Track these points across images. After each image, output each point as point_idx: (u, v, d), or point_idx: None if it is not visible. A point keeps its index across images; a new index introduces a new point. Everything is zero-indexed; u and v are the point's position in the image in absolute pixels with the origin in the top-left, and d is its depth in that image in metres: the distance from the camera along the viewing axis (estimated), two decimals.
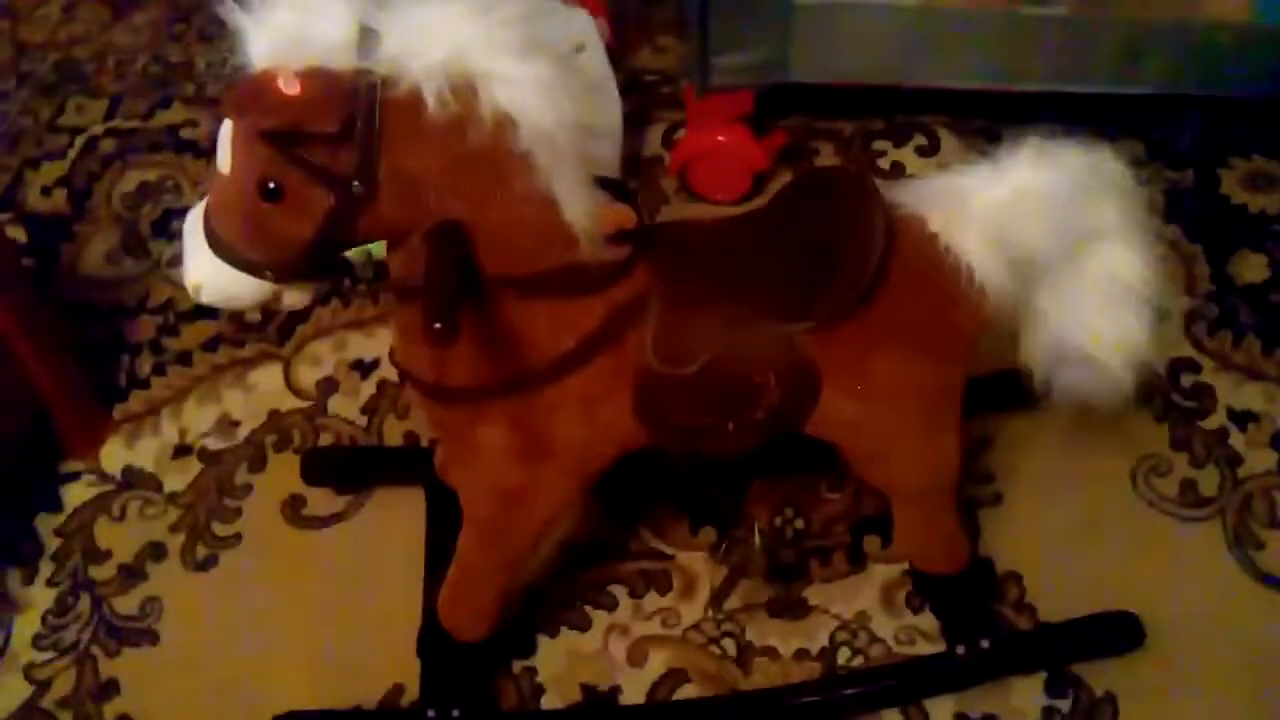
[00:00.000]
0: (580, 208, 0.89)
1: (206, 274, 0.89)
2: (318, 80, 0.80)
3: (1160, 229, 1.50)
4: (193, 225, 0.90)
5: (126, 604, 1.30)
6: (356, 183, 0.83)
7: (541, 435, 0.98)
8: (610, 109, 1.54)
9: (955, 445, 1.06)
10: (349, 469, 1.37)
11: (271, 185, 0.83)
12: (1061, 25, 1.48)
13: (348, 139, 0.81)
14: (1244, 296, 1.50)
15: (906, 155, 1.66)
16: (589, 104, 0.86)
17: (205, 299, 0.90)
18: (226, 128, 0.85)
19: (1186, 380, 1.42)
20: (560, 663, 1.24)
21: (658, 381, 0.96)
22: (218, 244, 0.87)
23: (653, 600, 1.28)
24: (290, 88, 0.79)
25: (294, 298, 0.92)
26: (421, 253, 0.86)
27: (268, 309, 1.00)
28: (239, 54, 0.82)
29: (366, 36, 0.80)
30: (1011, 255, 0.94)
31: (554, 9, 1.50)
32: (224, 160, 0.85)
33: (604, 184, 0.94)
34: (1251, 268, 1.53)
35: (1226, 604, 1.26)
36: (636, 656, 1.25)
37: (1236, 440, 1.37)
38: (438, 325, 0.80)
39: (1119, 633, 1.17)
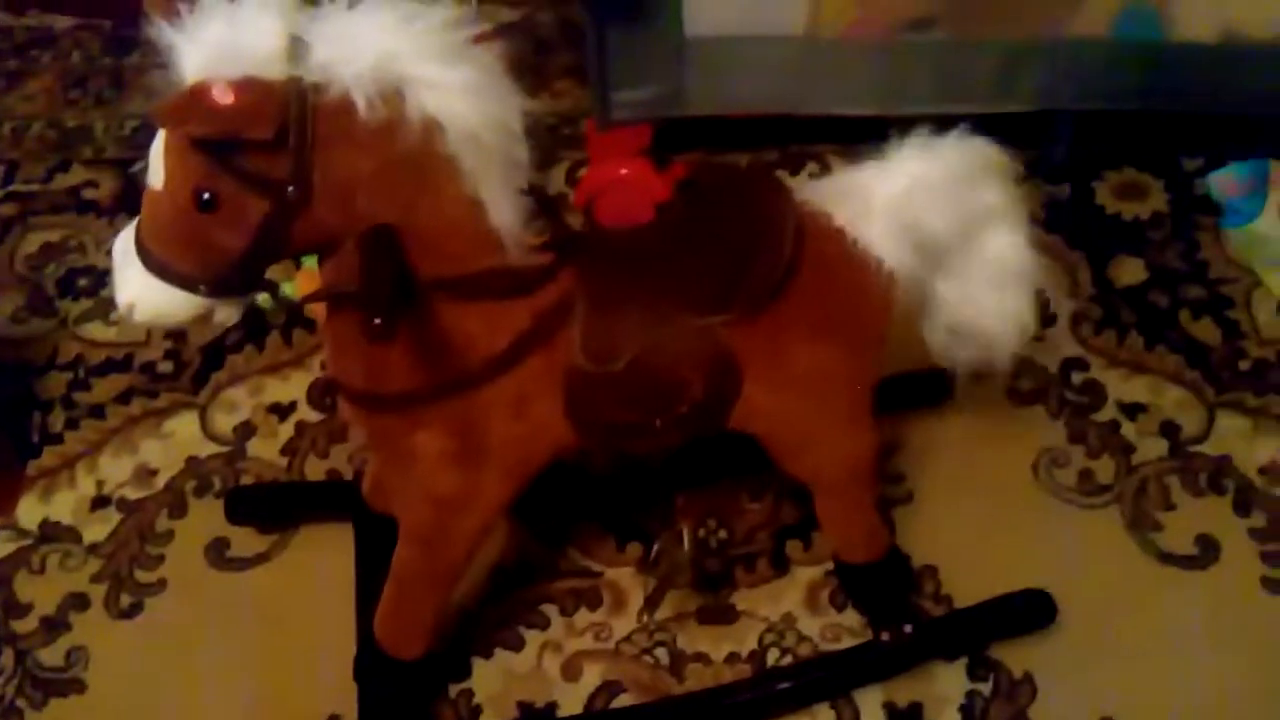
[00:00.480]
0: (507, 212, 0.93)
1: (138, 292, 0.90)
2: (251, 89, 0.82)
3: (1042, 237, 1.60)
4: (123, 246, 0.91)
5: (51, 655, 1.28)
6: (291, 188, 0.85)
7: (477, 438, 1.00)
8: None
9: (871, 433, 1.11)
10: (273, 506, 1.37)
11: (206, 195, 0.85)
12: (938, 50, 1.57)
13: (282, 145, 0.84)
14: (1124, 297, 1.58)
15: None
16: (513, 110, 0.89)
17: (139, 318, 0.91)
18: (158, 144, 0.87)
19: (1077, 378, 1.50)
20: (496, 683, 1.25)
21: (587, 380, 0.99)
22: (151, 261, 0.88)
23: (584, 617, 1.30)
24: (224, 97, 0.81)
25: (225, 313, 0.93)
26: (354, 258, 0.88)
27: (193, 335, 1.00)
28: (172, 69, 0.83)
29: (297, 46, 0.83)
30: (914, 241, 1.00)
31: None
32: (156, 176, 0.87)
33: (528, 193, 0.98)
34: (1129, 271, 1.62)
35: (1131, 583, 1.32)
36: (571, 671, 1.26)
37: (1128, 430, 1.45)
38: (376, 321, 0.82)
39: (1034, 609, 1.23)
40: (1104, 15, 1.53)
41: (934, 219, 1.00)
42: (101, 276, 1.62)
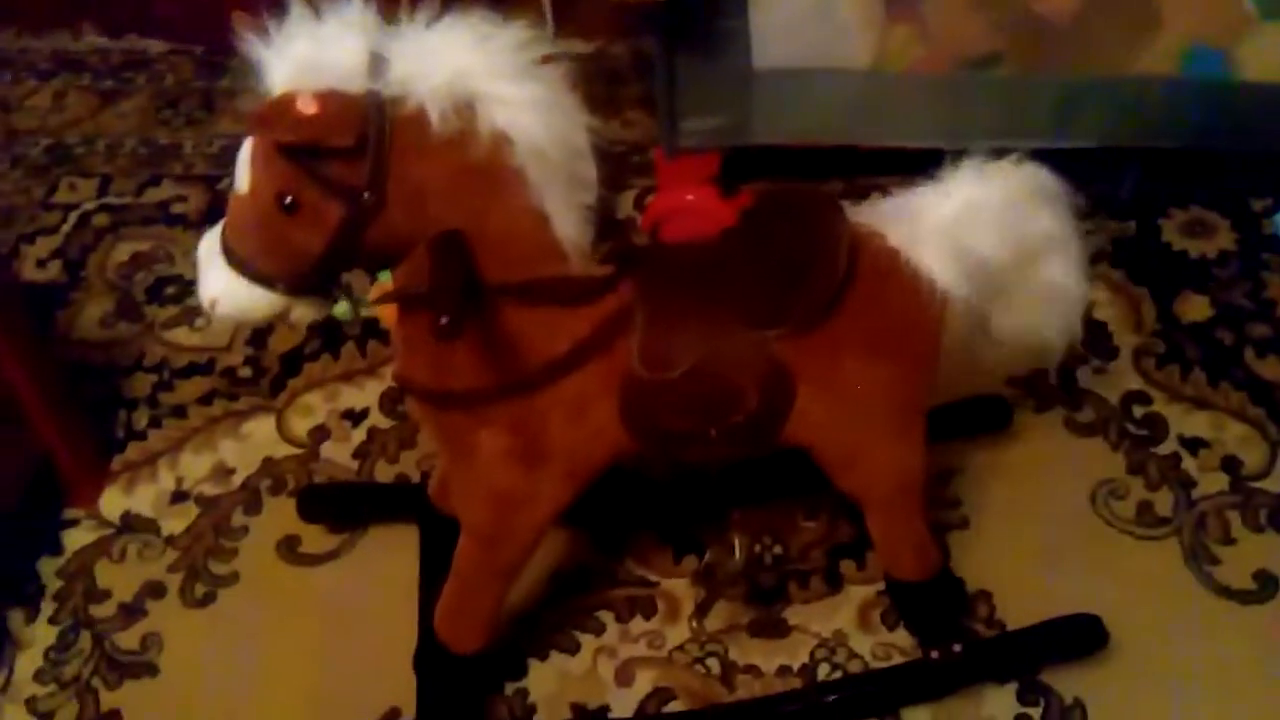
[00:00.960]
0: (571, 224, 0.97)
1: (221, 289, 0.95)
2: (334, 101, 0.88)
3: (1106, 272, 1.61)
4: (208, 247, 0.97)
5: (127, 640, 1.34)
6: (368, 194, 0.90)
7: (537, 438, 1.04)
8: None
9: (921, 450, 1.13)
10: (343, 505, 1.43)
11: (289, 199, 0.90)
12: (1000, 87, 1.59)
13: (360, 153, 0.89)
14: (1189, 333, 1.59)
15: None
16: (578, 127, 0.94)
17: (220, 312, 0.97)
18: (245, 150, 0.92)
19: (1138, 411, 1.51)
20: (551, 684, 1.29)
21: (644, 387, 1.03)
22: (234, 259, 0.94)
23: (638, 624, 1.33)
24: (309, 108, 0.87)
25: (302, 312, 0.98)
26: (425, 262, 0.93)
27: (276, 324, 1.04)
28: (260, 82, 0.89)
29: (376, 62, 0.89)
30: (966, 263, 1.03)
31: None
32: (242, 180, 0.93)
33: (596, 214, 1.02)
34: (1195, 308, 1.62)
35: (1186, 616, 1.32)
36: (624, 676, 1.29)
37: (1189, 464, 1.45)
38: (444, 320, 0.87)
39: (1084, 634, 1.23)
40: (1170, 54, 1.54)
41: (985, 243, 1.03)
42: (187, 285, 1.69)
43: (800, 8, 1.55)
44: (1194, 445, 1.47)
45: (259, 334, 1.65)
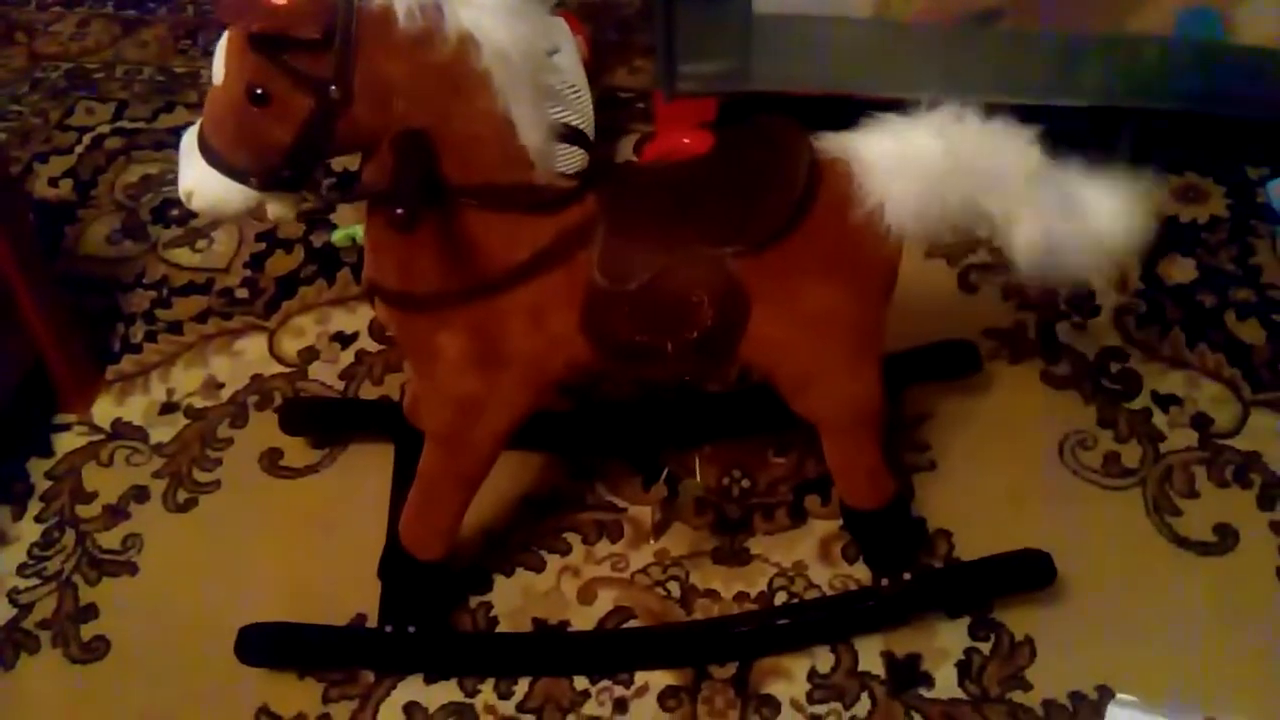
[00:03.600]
0: (536, 133, 1.00)
1: (197, 181, 0.99)
2: None
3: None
4: (189, 141, 1.00)
5: (109, 540, 1.38)
6: (334, 87, 0.93)
7: (496, 343, 1.07)
8: (583, 108, 1.65)
9: (876, 376, 1.15)
10: (324, 419, 1.46)
11: (259, 91, 0.94)
12: (1001, 41, 1.60)
13: (328, 46, 0.92)
14: (1171, 295, 1.60)
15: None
16: (543, 24, 0.96)
17: (196, 205, 1.00)
18: (222, 42, 0.96)
19: (1114, 367, 1.52)
20: (515, 599, 1.32)
21: (603, 297, 1.06)
22: (209, 152, 0.97)
23: (604, 547, 1.36)
24: None
25: (276, 209, 1.02)
26: (389, 159, 0.96)
27: (255, 217, 1.06)
28: None
29: None
30: (911, 204, 1.04)
31: (537, 7, 1.61)
32: (218, 72, 0.96)
33: (566, 130, 1.05)
34: (1180, 270, 1.63)
35: (1144, 563, 1.33)
36: (586, 595, 1.32)
37: (1159, 419, 1.46)
38: (400, 212, 0.90)
39: (1033, 569, 1.25)
40: (1167, 14, 1.55)
41: (925, 192, 1.03)
42: None
43: None
44: (1166, 402, 1.48)
45: (257, 257, 1.69)
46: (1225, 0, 1.54)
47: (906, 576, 1.24)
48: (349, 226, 1.65)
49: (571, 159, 1.16)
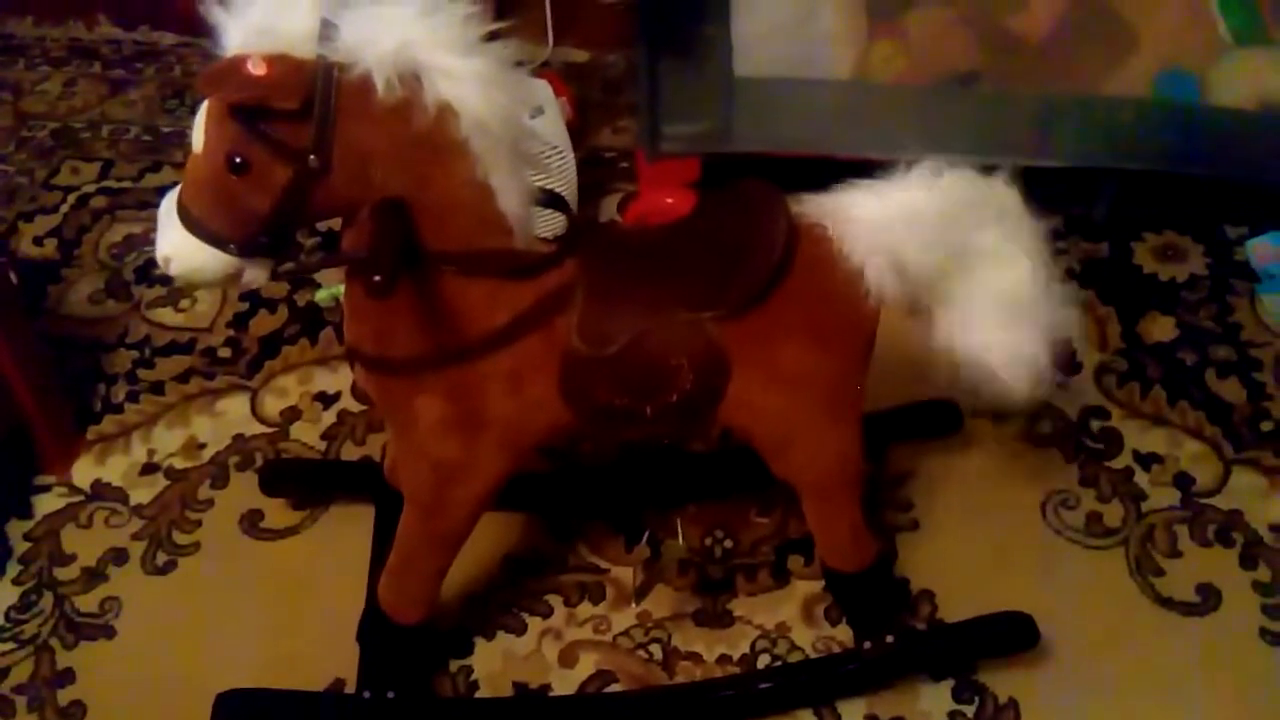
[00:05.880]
0: (514, 199, 1.00)
1: (175, 246, 0.99)
2: (282, 63, 0.91)
3: (1076, 292, 1.63)
4: (167, 206, 1.01)
5: (87, 602, 1.37)
6: (313, 156, 0.94)
7: (475, 408, 1.07)
8: (565, 171, 1.66)
9: (856, 437, 1.15)
10: (305, 481, 1.46)
11: (238, 159, 0.94)
12: (981, 101, 1.62)
13: (307, 116, 0.92)
14: (1152, 353, 1.61)
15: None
16: (523, 92, 0.97)
17: (174, 271, 1.00)
18: (202, 111, 0.96)
19: (1096, 425, 1.52)
20: (495, 662, 1.31)
21: (581, 362, 1.06)
22: (188, 218, 0.97)
23: (586, 609, 1.36)
24: (257, 69, 0.90)
25: (253, 275, 1.01)
26: (368, 225, 0.96)
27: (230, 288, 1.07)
28: (216, 44, 0.93)
29: (327, 28, 0.92)
30: (896, 263, 1.05)
31: (517, 74, 1.63)
32: (198, 140, 0.96)
33: (545, 195, 1.06)
34: (1160, 328, 1.64)
35: (1127, 623, 1.34)
36: (568, 659, 1.32)
37: (1141, 479, 1.47)
38: (378, 278, 0.90)
39: (1015, 632, 1.25)
40: (1144, 76, 1.57)
41: (914, 245, 1.04)
42: None
43: (783, 17, 1.59)
44: (1148, 461, 1.48)
45: (240, 316, 1.69)
46: (1201, 63, 1.56)
47: (890, 639, 1.23)
48: (333, 286, 1.65)
49: (551, 223, 1.16)
